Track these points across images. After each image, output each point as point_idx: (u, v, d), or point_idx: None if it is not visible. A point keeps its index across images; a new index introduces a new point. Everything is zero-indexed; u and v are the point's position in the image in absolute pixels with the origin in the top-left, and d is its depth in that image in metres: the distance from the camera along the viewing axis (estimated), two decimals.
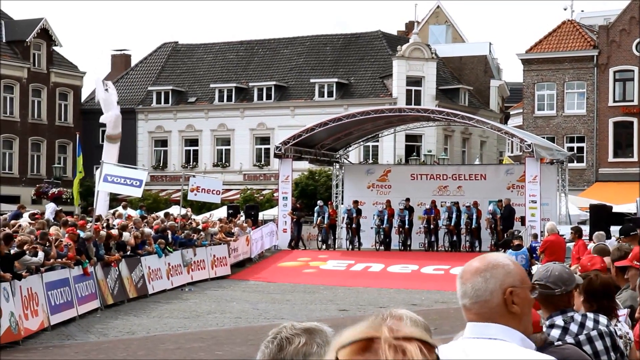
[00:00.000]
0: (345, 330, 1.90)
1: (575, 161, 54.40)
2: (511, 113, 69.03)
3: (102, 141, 67.73)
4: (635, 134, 54.96)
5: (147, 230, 30.71)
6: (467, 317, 3.42)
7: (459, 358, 3.27)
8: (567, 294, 5.34)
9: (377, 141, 56.58)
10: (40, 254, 21.46)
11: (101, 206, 35.10)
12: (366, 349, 1.83)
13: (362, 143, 49.83)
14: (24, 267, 20.59)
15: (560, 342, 4.92)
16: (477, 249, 40.23)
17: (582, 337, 5.19)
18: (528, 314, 3.48)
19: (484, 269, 3.41)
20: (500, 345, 3.29)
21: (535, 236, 32.31)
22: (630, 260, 7.88)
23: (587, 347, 5.11)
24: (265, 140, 64.46)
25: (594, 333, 5.17)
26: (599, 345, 5.14)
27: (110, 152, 40.24)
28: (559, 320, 5.21)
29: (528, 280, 3.51)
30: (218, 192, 37.31)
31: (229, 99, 66.12)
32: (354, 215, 41.68)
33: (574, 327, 5.23)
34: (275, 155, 43.54)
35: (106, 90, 42.70)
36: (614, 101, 55.58)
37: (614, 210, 37.17)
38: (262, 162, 64.52)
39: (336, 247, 42.67)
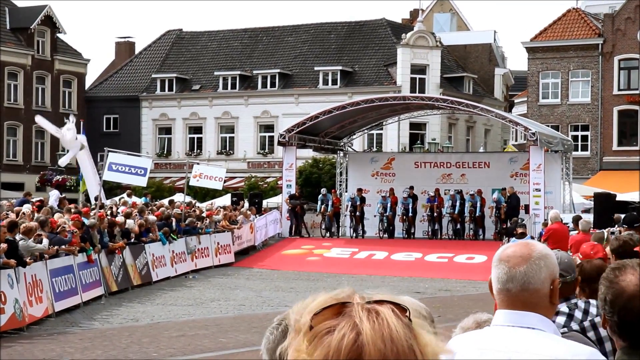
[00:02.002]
0: (314, 298, 1.92)
1: (579, 150, 54.48)
2: (515, 101, 68.96)
3: (107, 128, 68.13)
4: None
5: (151, 217, 30.76)
6: (507, 303, 3.34)
7: (498, 346, 3.25)
8: (575, 280, 5.35)
9: (381, 129, 56.56)
10: (45, 241, 21.49)
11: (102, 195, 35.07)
12: (339, 313, 1.86)
13: (366, 131, 49.82)
14: (28, 253, 20.62)
15: (565, 329, 4.93)
16: (481, 237, 40.27)
17: (586, 324, 5.19)
18: (557, 305, 3.47)
19: (538, 257, 3.34)
20: (540, 334, 3.26)
21: (545, 224, 32.28)
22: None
23: (591, 334, 5.11)
24: (269, 128, 64.47)
25: (597, 319, 5.17)
26: (602, 331, 5.14)
27: (82, 158, 37.83)
28: (563, 307, 5.22)
29: None
30: (220, 179, 37.34)
31: (233, 86, 66.09)
32: (358, 203, 41.68)
33: (578, 314, 5.23)
34: (279, 143, 43.54)
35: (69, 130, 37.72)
36: (619, 90, 55.49)
37: (618, 198, 37.15)
38: (266, 150, 64.51)
39: (340, 235, 42.71)
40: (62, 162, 39.12)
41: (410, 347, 1.85)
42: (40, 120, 40.21)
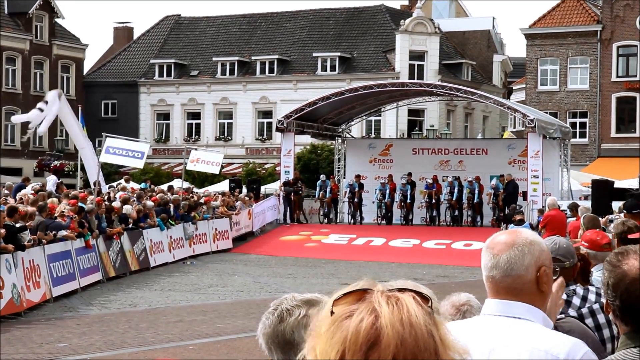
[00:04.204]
0: (339, 288, 1.95)
1: (577, 136, 54.48)
2: (514, 88, 68.92)
3: (105, 114, 68.07)
4: (638, 110, 54.89)
5: (149, 203, 30.76)
6: (493, 290, 3.37)
7: (483, 336, 3.26)
8: (574, 266, 5.35)
9: (380, 115, 56.55)
10: (30, 237, 21.23)
11: (100, 179, 35.07)
12: (359, 300, 1.89)
13: (364, 117, 49.81)
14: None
15: (562, 315, 4.93)
16: (479, 224, 40.30)
17: (584, 310, 5.19)
18: (550, 294, 3.47)
19: (522, 243, 3.36)
20: (525, 325, 3.27)
21: (541, 211, 32.33)
22: None
23: (589, 321, 5.10)
24: (267, 114, 64.42)
25: (596, 306, 5.16)
26: (601, 318, 5.14)
27: (63, 111, 37.28)
28: None
29: (552, 261, 3.50)
30: (217, 164, 37.33)
31: (232, 72, 66.02)
32: (356, 189, 41.71)
33: (576, 301, 5.23)
34: (278, 129, 43.53)
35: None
36: (617, 76, 55.46)
37: (616, 185, 37.14)
38: (265, 136, 64.50)
39: (338, 221, 42.73)
40: (42, 129, 37.56)
41: (430, 333, 1.86)
42: (15, 119, 39.78)
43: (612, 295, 3.32)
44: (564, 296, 5.22)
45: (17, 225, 20.33)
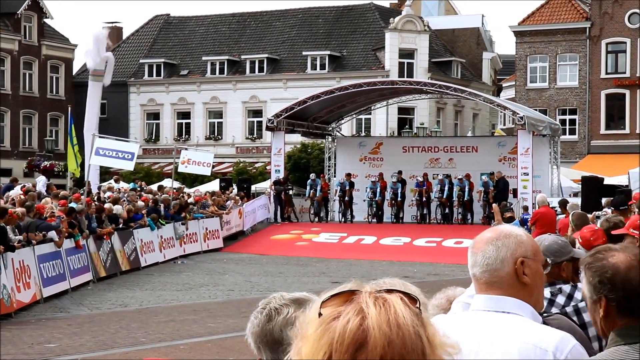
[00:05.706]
0: (327, 290, 1.95)
1: (567, 133, 54.58)
2: (504, 85, 68.99)
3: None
4: (627, 106, 55.00)
5: (139, 203, 30.72)
6: (477, 287, 3.41)
7: (472, 332, 3.27)
8: (556, 265, 5.32)
9: (370, 114, 56.53)
10: (18, 237, 21.21)
11: (93, 179, 35.06)
12: (347, 301, 1.89)
13: (354, 116, 49.79)
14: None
15: (544, 314, 4.92)
16: (470, 221, 40.36)
17: (569, 309, 5.17)
18: (539, 287, 3.46)
19: (496, 238, 3.39)
20: (514, 319, 3.28)
21: (525, 208, 32.41)
22: (627, 229, 7.84)
23: (574, 319, 5.09)
24: (257, 113, 64.38)
25: (582, 304, 5.14)
26: (586, 317, 5.12)
27: (93, 92, 41.48)
28: (546, 293, 5.21)
29: (541, 254, 3.49)
30: (209, 165, 37.27)
31: (221, 71, 65.97)
32: (347, 188, 41.72)
33: (560, 299, 5.21)
34: (268, 128, 43.53)
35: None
36: (606, 73, 55.56)
37: (605, 182, 37.23)
38: (255, 135, 64.47)
39: (329, 219, 42.74)
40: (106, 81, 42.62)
41: (417, 334, 1.87)
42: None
43: (609, 289, 3.26)
44: (548, 295, 5.20)
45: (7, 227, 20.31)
